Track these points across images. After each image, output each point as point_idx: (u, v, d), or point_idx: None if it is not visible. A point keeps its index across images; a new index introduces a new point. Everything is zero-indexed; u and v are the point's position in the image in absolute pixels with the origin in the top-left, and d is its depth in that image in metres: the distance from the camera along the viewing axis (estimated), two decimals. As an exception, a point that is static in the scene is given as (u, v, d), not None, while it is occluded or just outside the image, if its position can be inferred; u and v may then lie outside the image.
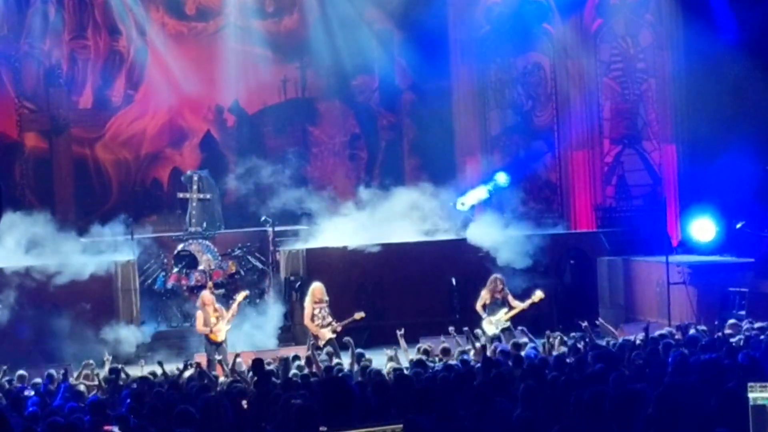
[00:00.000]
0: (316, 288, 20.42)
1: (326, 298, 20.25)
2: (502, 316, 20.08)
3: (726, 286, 21.36)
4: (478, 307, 20.32)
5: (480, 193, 25.85)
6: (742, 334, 16.60)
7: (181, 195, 25.20)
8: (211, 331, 19.69)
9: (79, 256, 22.82)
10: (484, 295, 20.33)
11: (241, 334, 21.73)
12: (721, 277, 21.86)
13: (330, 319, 20.04)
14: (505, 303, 20.23)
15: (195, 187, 25.01)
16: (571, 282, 24.78)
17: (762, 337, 15.66)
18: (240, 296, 20.90)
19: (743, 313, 20.05)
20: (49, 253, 22.72)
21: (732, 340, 15.66)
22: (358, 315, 20.33)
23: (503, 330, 20.00)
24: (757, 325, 17.19)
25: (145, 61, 27.53)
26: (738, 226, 22.66)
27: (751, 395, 6.42)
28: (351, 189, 25.14)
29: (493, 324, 20.05)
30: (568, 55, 27.54)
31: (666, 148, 26.38)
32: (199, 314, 19.99)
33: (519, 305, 20.26)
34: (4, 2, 26.74)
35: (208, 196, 25.09)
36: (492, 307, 20.18)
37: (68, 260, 22.44)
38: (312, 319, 20.06)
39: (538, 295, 20.41)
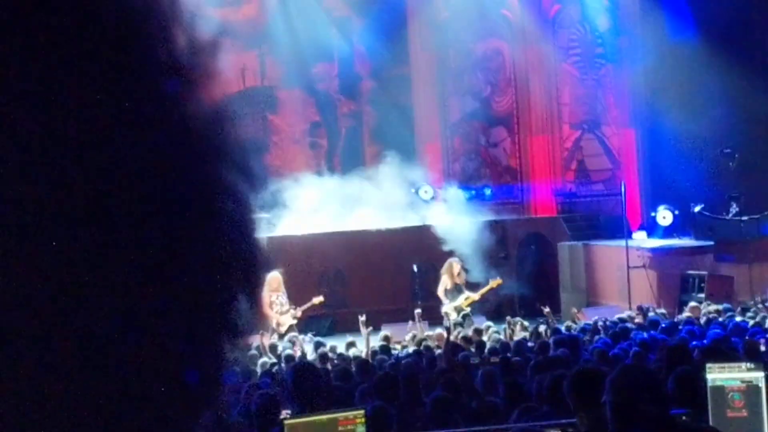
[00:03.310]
0: (272, 277, 20.47)
1: (283, 288, 20.32)
2: (462, 302, 20.16)
3: (685, 269, 21.52)
4: (440, 292, 20.41)
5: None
6: (702, 316, 16.75)
7: None
8: None
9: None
10: (445, 280, 20.43)
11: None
12: (680, 260, 22.03)
13: (288, 306, 20.11)
14: (465, 288, 20.33)
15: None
16: (532, 267, 24.88)
17: (721, 319, 15.81)
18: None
19: (702, 295, 20.21)
20: None
21: (691, 322, 15.79)
22: (317, 299, 20.41)
23: (464, 315, 20.09)
24: (714, 307, 17.34)
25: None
26: (696, 209, 22.82)
27: (709, 376, 6.48)
28: (312, 177, 25.10)
29: (454, 310, 20.13)
30: (526, 41, 27.63)
31: (625, 132, 26.53)
32: None
33: (479, 291, 20.38)
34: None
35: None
36: (452, 293, 20.27)
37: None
38: (270, 307, 20.12)
39: (496, 281, 20.52)
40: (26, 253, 1.05)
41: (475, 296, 20.30)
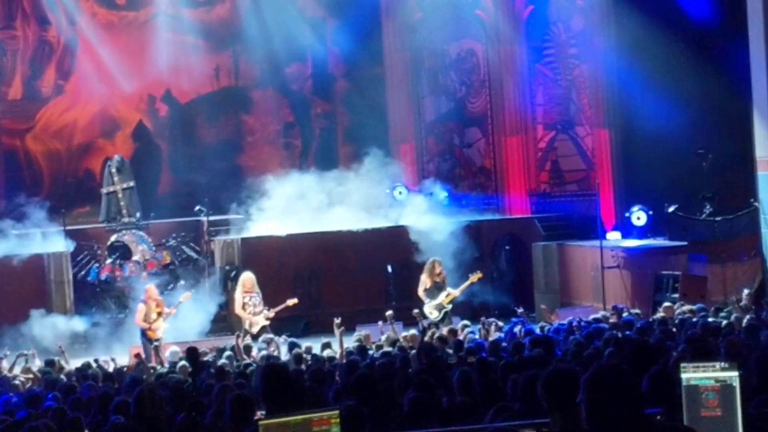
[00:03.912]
0: (246, 278, 20.49)
1: (257, 288, 20.30)
2: (443, 300, 20.18)
3: (659, 269, 21.56)
4: (420, 292, 20.42)
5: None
6: (676, 316, 16.80)
7: (105, 190, 24.91)
8: (149, 328, 19.57)
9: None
10: (425, 280, 20.43)
11: (177, 323, 21.63)
12: (654, 260, 22.08)
13: (262, 307, 20.10)
14: (445, 287, 20.35)
15: (116, 178, 24.75)
16: (506, 268, 24.90)
17: (695, 319, 15.85)
18: (183, 298, 20.82)
19: (676, 296, 20.26)
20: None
21: (665, 322, 15.83)
22: (291, 301, 20.41)
23: (445, 313, 20.12)
24: (688, 307, 17.38)
25: (76, 51, 27.27)
26: (670, 209, 22.87)
27: (684, 375, 6.48)
28: (286, 178, 25.03)
29: (435, 308, 20.15)
30: (500, 42, 27.62)
31: (599, 133, 26.54)
32: (141, 307, 19.84)
33: (459, 287, 20.43)
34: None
35: (131, 184, 24.87)
36: (432, 291, 20.28)
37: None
38: (243, 308, 20.10)
39: (477, 275, 20.54)
40: None
41: (456, 292, 20.33)
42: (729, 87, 23.17)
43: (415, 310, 19.63)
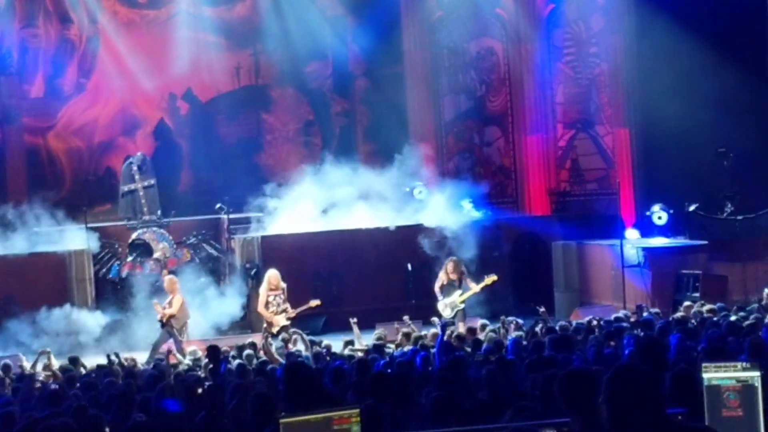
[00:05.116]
0: (272, 275, 20.39)
1: (282, 285, 20.23)
2: (456, 298, 20.17)
3: (679, 268, 21.51)
4: (436, 288, 20.44)
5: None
6: (696, 316, 16.74)
7: (126, 188, 24.99)
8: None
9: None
10: (441, 277, 20.45)
11: (197, 321, 21.70)
12: (675, 259, 22.02)
13: (285, 306, 20.04)
14: (460, 286, 20.33)
15: (137, 176, 24.83)
16: (525, 267, 24.86)
17: (715, 318, 15.80)
18: (313, 303, 20.67)
19: (697, 295, 20.21)
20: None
21: (686, 322, 15.78)
22: (314, 302, 20.33)
23: (457, 312, 20.10)
24: (708, 307, 17.32)
25: (97, 50, 27.36)
26: (690, 208, 22.81)
27: (705, 375, 6.47)
28: (305, 176, 25.06)
29: (448, 306, 20.14)
30: (520, 40, 27.61)
31: (619, 131, 26.50)
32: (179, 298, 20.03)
33: (473, 288, 20.38)
34: (-48, -9, 26.49)
35: (152, 182, 24.95)
36: (447, 289, 20.29)
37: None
38: (266, 307, 20.05)
39: (491, 278, 20.51)
40: None
41: (469, 293, 20.30)
42: (750, 85, 23.10)
43: (433, 318, 19.58)
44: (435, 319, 19.39)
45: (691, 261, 21.77)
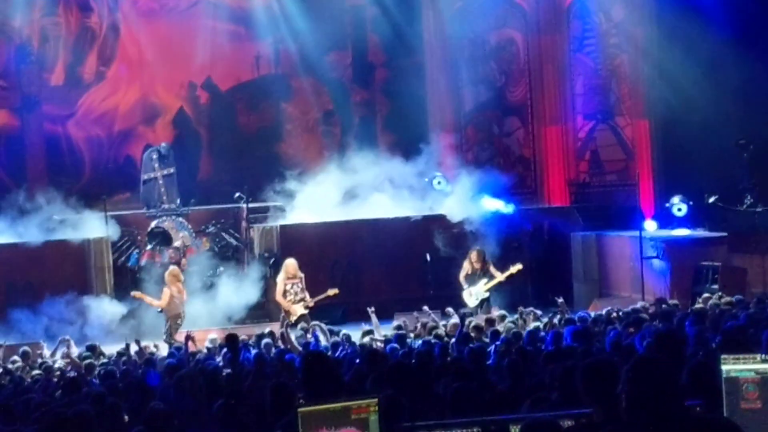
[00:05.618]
0: (290, 264, 20.40)
1: (300, 274, 20.26)
2: (481, 287, 20.22)
3: (698, 260, 21.47)
4: (461, 277, 20.57)
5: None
6: (715, 308, 16.69)
7: (145, 176, 25.03)
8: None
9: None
10: (466, 266, 20.55)
11: (216, 310, 21.74)
12: (694, 251, 21.96)
13: (303, 295, 20.05)
14: (485, 275, 20.38)
15: (157, 164, 24.86)
16: (544, 258, 24.82)
17: (734, 310, 15.75)
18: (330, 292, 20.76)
19: (716, 287, 20.17)
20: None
21: (704, 314, 15.73)
22: (332, 291, 20.35)
23: (482, 301, 20.15)
24: (727, 299, 17.28)
25: (117, 38, 27.40)
26: (710, 200, 22.74)
27: (724, 367, 6.45)
28: (324, 165, 25.08)
29: (473, 295, 20.20)
30: (540, 31, 27.56)
31: (639, 123, 26.42)
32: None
33: (498, 276, 20.43)
34: (-28, -20, 26.55)
35: (171, 170, 24.98)
36: (472, 278, 20.37)
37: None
38: (284, 295, 20.07)
39: (517, 266, 20.55)
40: None
41: (495, 281, 20.36)
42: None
43: (448, 309, 19.56)
44: (450, 309, 19.38)
45: (710, 253, 21.71)
